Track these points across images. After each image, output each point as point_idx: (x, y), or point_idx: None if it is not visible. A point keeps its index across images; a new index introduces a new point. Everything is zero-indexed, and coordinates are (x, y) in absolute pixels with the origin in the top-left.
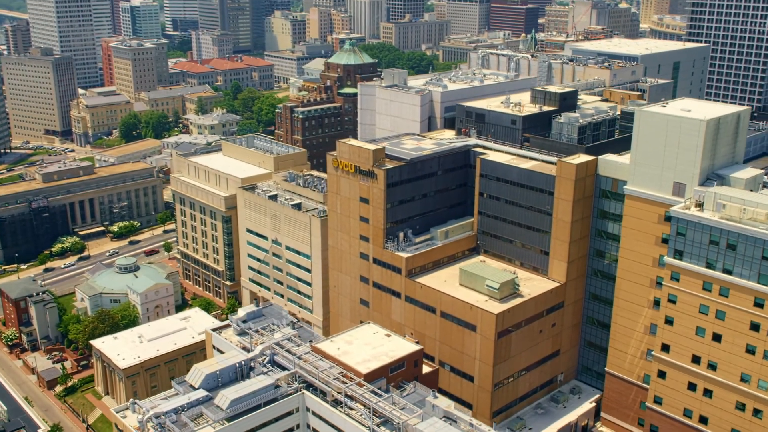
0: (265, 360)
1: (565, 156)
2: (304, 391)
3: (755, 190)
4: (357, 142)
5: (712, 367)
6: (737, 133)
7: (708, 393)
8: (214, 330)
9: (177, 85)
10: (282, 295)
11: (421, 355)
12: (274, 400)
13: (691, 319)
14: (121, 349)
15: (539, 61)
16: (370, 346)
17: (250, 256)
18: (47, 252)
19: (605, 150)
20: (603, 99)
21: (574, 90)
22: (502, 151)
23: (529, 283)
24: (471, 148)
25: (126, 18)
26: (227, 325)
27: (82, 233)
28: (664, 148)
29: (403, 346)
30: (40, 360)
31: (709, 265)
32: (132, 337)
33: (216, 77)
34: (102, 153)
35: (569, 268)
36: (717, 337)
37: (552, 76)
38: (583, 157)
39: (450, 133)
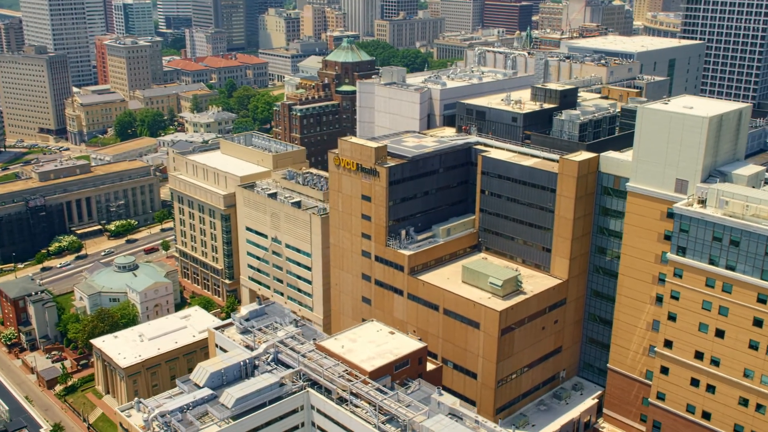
0: (269, 358)
1: (566, 153)
2: (308, 389)
3: (757, 187)
4: (359, 140)
5: (715, 363)
6: (739, 130)
7: (711, 389)
8: (216, 328)
9: (171, 83)
10: (282, 294)
11: (425, 352)
12: (279, 398)
13: (694, 316)
14: (122, 348)
15: (536, 59)
16: (374, 343)
17: (249, 254)
18: (44, 251)
19: (606, 147)
20: (602, 96)
21: (574, 87)
22: (504, 148)
23: (531, 280)
24: (472, 145)
25: (119, 16)
26: (229, 324)
27: (79, 232)
28: (666, 145)
29: (407, 343)
30: (39, 359)
31: (712, 261)
32: (132, 336)
33: (210, 75)
34: (98, 151)
35: (571, 265)
36: (720, 333)
37: (549, 73)
38: (585, 155)
39: (450, 130)
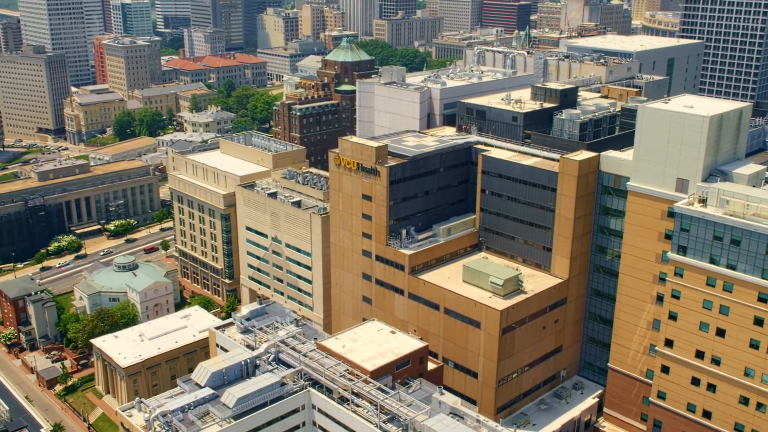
0: (270, 358)
1: (566, 153)
2: (309, 388)
3: (758, 186)
4: (359, 140)
5: (716, 362)
6: (739, 129)
7: (711, 388)
8: (217, 328)
9: (170, 83)
10: (282, 293)
11: (426, 352)
12: (281, 397)
13: (695, 315)
14: (122, 347)
15: (535, 58)
16: (376, 343)
17: (249, 254)
18: (43, 251)
19: (606, 146)
20: (602, 96)
21: (574, 87)
22: (504, 147)
23: (531, 280)
24: (472, 144)
25: (117, 15)
26: (230, 323)
27: (78, 232)
28: (667, 145)
29: (408, 343)
30: (39, 359)
31: (713, 260)
32: (133, 336)
33: (209, 75)
34: (96, 151)
35: (572, 264)
36: (721, 332)
37: (548, 72)
38: (585, 154)
39: (450, 130)
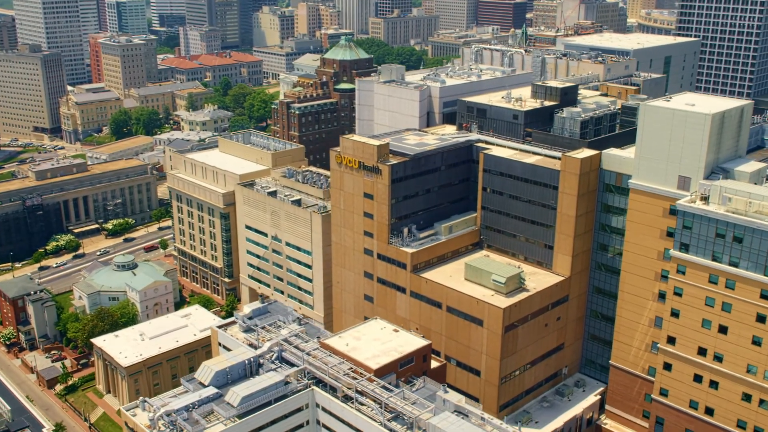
0: (273, 356)
1: (567, 150)
2: (313, 387)
3: (760, 183)
4: (361, 138)
5: (718, 358)
6: (741, 127)
7: (714, 384)
8: (219, 327)
9: (166, 82)
10: (282, 292)
11: (429, 350)
12: (284, 396)
13: (697, 312)
14: (123, 347)
15: (533, 56)
16: (379, 341)
17: (249, 252)
18: (42, 250)
19: (607, 144)
20: (602, 93)
21: (574, 85)
22: (505, 146)
23: (533, 278)
24: (473, 143)
25: (112, 14)
26: (232, 322)
27: (76, 231)
28: (669, 142)
29: (412, 341)
30: (39, 359)
31: (716, 257)
32: (133, 335)
33: (205, 73)
34: (93, 150)
35: (574, 262)
36: (723, 329)
37: (546, 71)
38: (587, 152)
39: (450, 128)
